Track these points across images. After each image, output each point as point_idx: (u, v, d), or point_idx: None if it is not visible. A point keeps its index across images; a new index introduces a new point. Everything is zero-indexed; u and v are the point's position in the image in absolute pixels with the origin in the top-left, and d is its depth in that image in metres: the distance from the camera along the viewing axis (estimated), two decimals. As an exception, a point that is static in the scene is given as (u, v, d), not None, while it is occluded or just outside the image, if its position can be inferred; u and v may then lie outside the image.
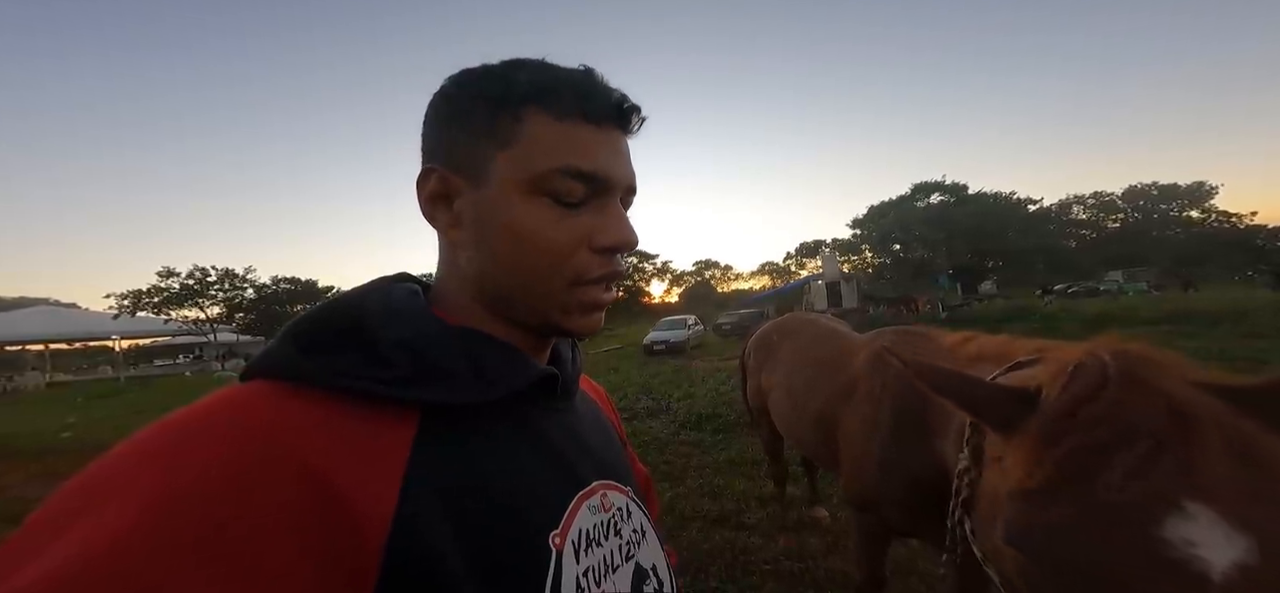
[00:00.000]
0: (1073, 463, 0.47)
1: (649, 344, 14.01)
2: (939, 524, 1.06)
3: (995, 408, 0.56)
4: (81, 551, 0.22)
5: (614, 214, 0.37)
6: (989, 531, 0.61)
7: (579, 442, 0.41)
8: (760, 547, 2.31)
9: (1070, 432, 0.48)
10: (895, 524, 1.16)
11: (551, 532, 0.34)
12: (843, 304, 19.71)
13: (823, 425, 1.41)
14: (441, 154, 0.36)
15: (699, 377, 7.73)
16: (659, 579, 0.42)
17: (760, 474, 3.05)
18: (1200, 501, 0.42)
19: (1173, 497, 0.42)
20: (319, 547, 0.26)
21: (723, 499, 2.88)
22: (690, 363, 10.55)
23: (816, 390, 1.48)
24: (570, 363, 0.44)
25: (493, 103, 0.35)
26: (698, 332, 16.13)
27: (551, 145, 0.34)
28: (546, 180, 0.34)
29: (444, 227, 0.37)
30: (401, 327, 0.33)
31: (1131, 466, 0.44)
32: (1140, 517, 0.42)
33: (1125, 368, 0.50)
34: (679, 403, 5.68)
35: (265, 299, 30.98)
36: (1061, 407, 0.51)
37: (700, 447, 3.99)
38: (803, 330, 1.88)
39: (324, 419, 0.29)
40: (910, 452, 1.00)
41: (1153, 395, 0.47)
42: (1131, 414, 0.46)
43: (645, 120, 0.39)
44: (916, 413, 0.99)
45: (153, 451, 0.26)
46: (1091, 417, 0.48)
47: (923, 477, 0.96)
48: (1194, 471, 0.43)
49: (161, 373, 26.20)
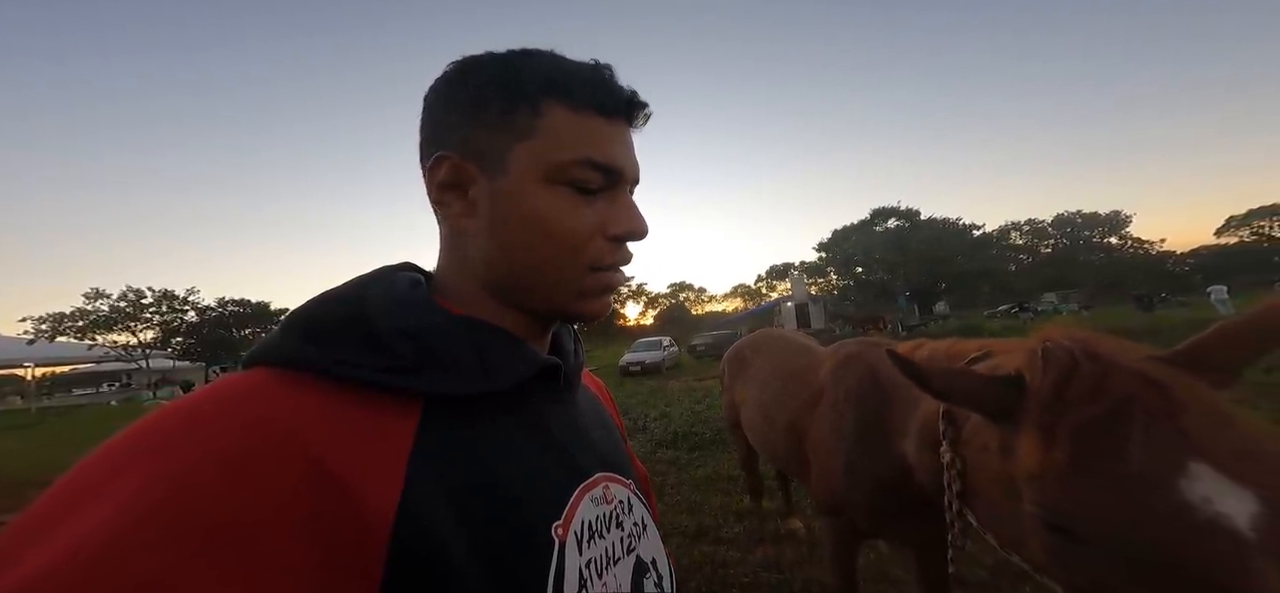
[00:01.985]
0: (1084, 440, 0.48)
1: (625, 365, 13.97)
2: (903, 523, 1.12)
3: (991, 397, 0.58)
4: (82, 540, 0.22)
5: (625, 204, 0.38)
6: (1005, 517, 0.61)
7: (581, 433, 0.41)
8: (738, 560, 2.34)
9: (1067, 410, 0.50)
10: (863, 527, 1.19)
11: (554, 523, 0.34)
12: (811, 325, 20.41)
13: (792, 435, 1.44)
14: (454, 143, 0.36)
15: (675, 396, 7.78)
16: (659, 573, 0.42)
17: (736, 489, 3.10)
18: (1203, 461, 0.44)
19: (1181, 461, 0.44)
20: (324, 537, 0.26)
21: (700, 514, 2.90)
22: (666, 383, 10.59)
23: (786, 402, 1.52)
24: (572, 355, 0.44)
25: (509, 93, 0.35)
26: (673, 353, 16.25)
27: (570, 137, 0.35)
28: (565, 170, 0.35)
29: (455, 214, 0.37)
30: (405, 316, 0.33)
31: (1138, 436, 0.45)
32: (1162, 483, 0.44)
33: (1087, 350, 0.53)
34: (655, 421, 5.68)
35: (210, 323, 28.68)
36: (1050, 388, 0.52)
37: (677, 464, 4.00)
38: (773, 346, 1.92)
39: (327, 408, 0.29)
40: (874, 455, 1.04)
41: (1122, 370, 0.50)
42: (1115, 388, 0.49)
43: (650, 116, 0.40)
44: (878, 418, 1.04)
45: (154, 438, 0.26)
46: (1081, 394, 0.50)
47: (886, 477, 1.01)
48: (1187, 434, 0.45)
49: (82, 402, 23.52)
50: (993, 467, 0.61)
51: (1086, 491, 0.47)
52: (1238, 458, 0.44)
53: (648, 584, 0.40)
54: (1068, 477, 0.48)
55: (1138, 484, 0.45)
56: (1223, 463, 0.44)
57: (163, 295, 26.85)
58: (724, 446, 4.08)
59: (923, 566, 1.26)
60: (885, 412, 1.02)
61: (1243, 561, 0.41)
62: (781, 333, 2.11)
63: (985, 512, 0.66)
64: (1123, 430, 0.47)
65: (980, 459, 0.64)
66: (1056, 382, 0.52)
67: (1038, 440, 0.51)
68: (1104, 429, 0.48)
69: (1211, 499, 0.42)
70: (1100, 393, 0.50)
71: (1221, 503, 0.42)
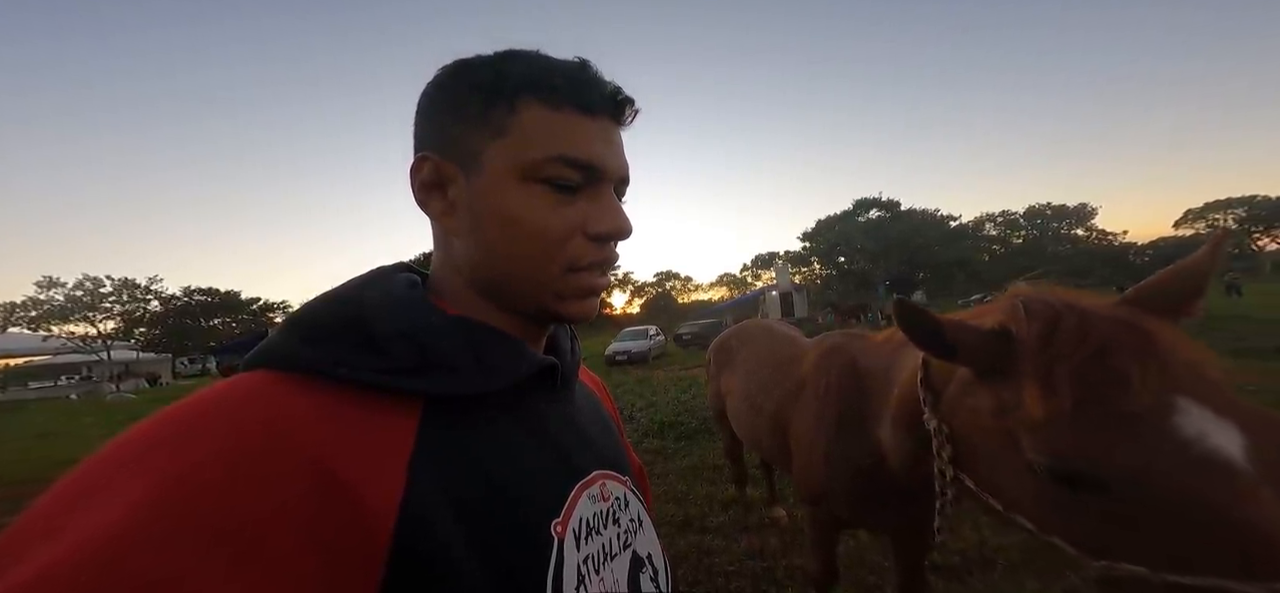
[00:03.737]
0: (1084, 383, 0.48)
1: (611, 355, 13.98)
2: (880, 511, 1.15)
3: (990, 350, 0.57)
4: (89, 538, 0.22)
5: (607, 203, 0.38)
6: (1004, 475, 0.60)
7: (578, 432, 0.41)
8: (724, 549, 2.38)
9: (1060, 357, 0.50)
10: (843, 516, 1.22)
11: (553, 520, 0.34)
12: (795, 313, 20.77)
13: (777, 426, 1.46)
14: (435, 142, 0.36)
15: (661, 386, 7.81)
16: (655, 568, 0.42)
17: (722, 479, 3.14)
18: (1190, 398, 0.44)
19: (1172, 399, 0.44)
20: (327, 537, 0.26)
21: (686, 504, 2.93)
22: (652, 373, 10.67)
23: (770, 392, 1.54)
24: (569, 353, 0.44)
25: (487, 93, 0.35)
26: (659, 342, 16.31)
27: (545, 134, 0.35)
28: (540, 168, 0.35)
29: (437, 214, 0.37)
30: (403, 318, 0.33)
31: (1134, 375, 0.46)
32: (1162, 420, 0.44)
33: (1065, 301, 0.54)
34: (642, 411, 5.70)
35: (175, 312, 27.47)
36: (1038, 337, 0.52)
37: (663, 454, 4.03)
38: (759, 336, 1.96)
39: (328, 410, 0.29)
40: (853, 445, 1.07)
41: (1101, 316, 0.51)
42: (1099, 332, 0.49)
43: (639, 112, 0.39)
44: (856, 408, 1.06)
45: (156, 440, 0.26)
46: (1068, 340, 0.50)
47: (864, 466, 1.04)
48: (1172, 373, 0.46)
49: (39, 397, 22.33)
50: (986, 425, 0.60)
51: (1090, 433, 0.47)
52: (1216, 394, 0.45)
53: (644, 579, 0.40)
54: (1071, 421, 0.48)
55: (1140, 423, 0.45)
56: (1206, 399, 0.44)
57: (123, 284, 25.64)
58: (710, 435, 4.12)
59: (900, 552, 1.30)
60: (863, 402, 1.05)
61: (1251, 491, 0.41)
62: (767, 324, 2.14)
63: (982, 472, 0.64)
64: (1118, 372, 0.47)
65: (971, 421, 0.64)
66: (1043, 330, 0.52)
67: (1037, 388, 0.50)
68: (1100, 372, 0.48)
69: (1207, 434, 0.43)
70: (1086, 338, 0.49)
71: (1216, 437, 0.42)
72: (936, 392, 0.72)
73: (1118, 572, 0.46)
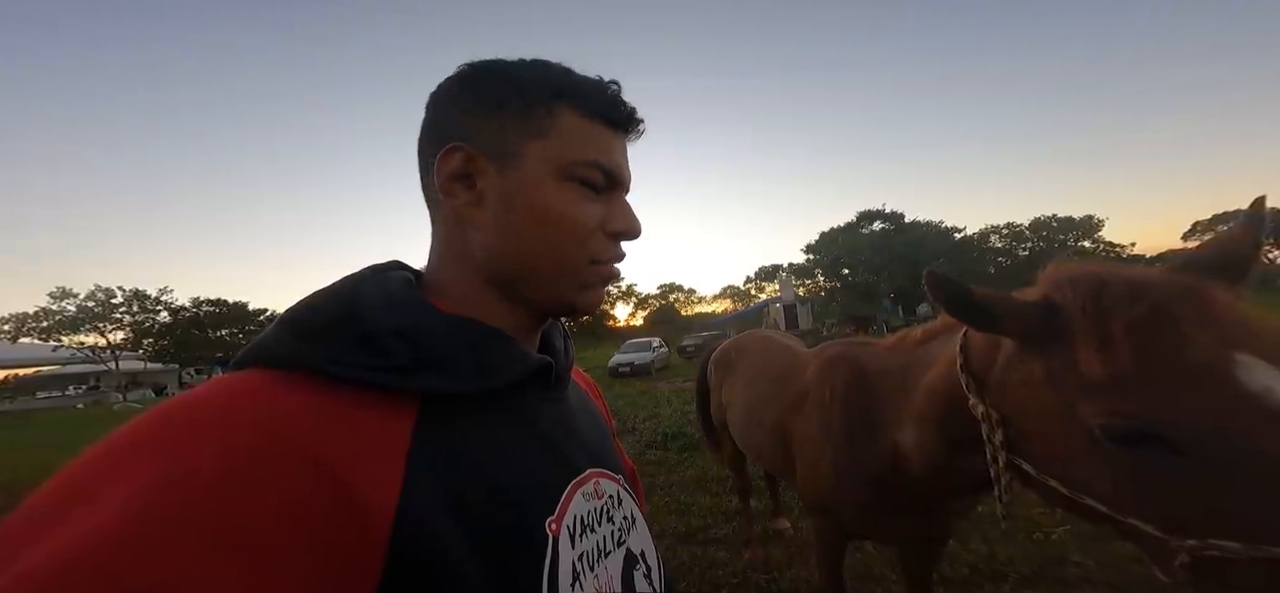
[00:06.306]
0: (1142, 336, 0.46)
1: (614, 366, 13.95)
2: (889, 522, 1.11)
3: (1032, 318, 0.55)
4: (82, 539, 0.21)
5: (623, 206, 0.41)
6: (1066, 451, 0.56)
7: (572, 430, 0.42)
8: (727, 561, 2.35)
9: (1112, 316, 0.48)
10: (850, 527, 1.19)
11: (548, 518, 0.35)
12: (799, 326, 20.64)
13: (778, 436, 1.44)
14: (467, 136, 0.37)
15: (664, 398, 7.77)
16: (648, 565, 0.43)
17: (725, 490, 3.11)
18: (1249, 352, 0.43)
19: (1233, 354, 0.43)
20: (324, 536, 0.26)
21: (689, 516, 2.90)
22: (655, 385, 10.60)
23: (772, 403, 1.52)
24: (563, 353, 0.45)
25: (528, 95, 0.37)
26: (662, 354, 16.27)
27: (581, 140, 0.38)
28: (577, 169, 0.38)
29: (462, 204, 0.38)
30: (400, 315, 0.33)
31: (1188, 330, 0.44)
32: (1227, 373, 0.42)
33: (1106, 266, 0.53)
34: (645, 423, 5.69)
35: (184, 323, 27.76)
36: (1088, 298, 0.50)
37: (665, 466, 4.01)
38: (758, 347, 1.92)
39: (325, 408, 0.29)
40: (862, 453, 1.03)
41: (1148, 278, 0.49)
42: (1150, 292, 0.47)
43: (644, 132, 0.43)
44: (866, 415, 1.03)
45: (151, 438, 0.25)
46: (1118, 300, 0.48)
47: (874, 475, 1.00)
48: (1229, 328, 0.44)
49: (47, 406, 22.53)
50: (1042, 398, 0.57)
51: (1156, 390, 0.45)
52: (1274, 350, 0.43)
53: (637, 576, 0.41)
54: (1135, 377, 0.46)
55: (1208, 376, 0.43)
56: (1266, 354, 0.42)
57: (133, 295, 25.99)
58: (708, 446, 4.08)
59: (907, 565, 1.27)
60: (874, 407, 1.01)
61: None
62: (766, 334, 2.12)
63: (1042, 452, 0.60)
64: (1177, 325, 0.45)
65: (1024, 395, 0.60)
66: (1091, 293, 0.51)
67: (1093, 346, 0.48)
68: (1157, 325, 0.46)
69: (1274, 388, 0.41)
70: (1138, 297, 0.48)
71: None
72: (979, 377, 0.68)
73: (1209, 552, 0.43)
